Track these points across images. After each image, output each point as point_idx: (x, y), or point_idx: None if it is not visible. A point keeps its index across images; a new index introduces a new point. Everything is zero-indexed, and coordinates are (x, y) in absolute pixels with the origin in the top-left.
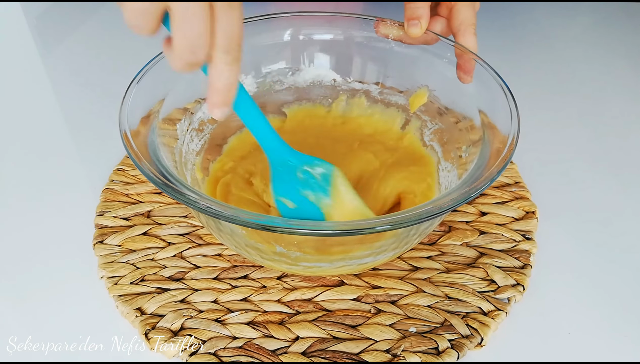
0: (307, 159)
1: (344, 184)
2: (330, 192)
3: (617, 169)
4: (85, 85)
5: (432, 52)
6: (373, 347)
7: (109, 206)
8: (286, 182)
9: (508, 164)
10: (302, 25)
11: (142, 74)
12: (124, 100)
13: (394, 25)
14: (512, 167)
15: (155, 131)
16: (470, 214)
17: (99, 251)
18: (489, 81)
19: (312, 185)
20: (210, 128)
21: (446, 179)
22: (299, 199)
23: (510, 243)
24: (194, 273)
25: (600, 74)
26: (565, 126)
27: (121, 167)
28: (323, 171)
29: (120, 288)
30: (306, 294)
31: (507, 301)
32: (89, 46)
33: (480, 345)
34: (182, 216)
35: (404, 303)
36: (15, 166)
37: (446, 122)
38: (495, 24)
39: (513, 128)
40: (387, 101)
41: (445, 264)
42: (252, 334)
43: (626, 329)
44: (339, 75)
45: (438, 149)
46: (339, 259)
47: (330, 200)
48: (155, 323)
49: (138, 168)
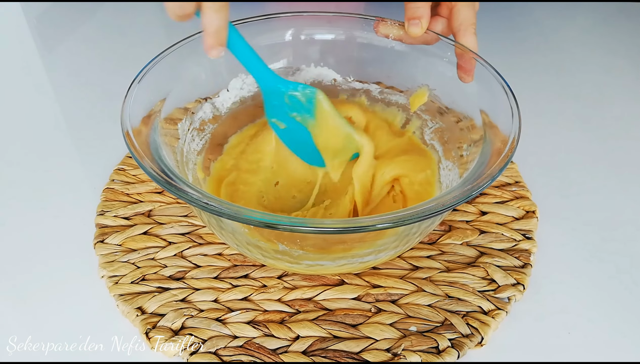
0: (293, 85)
1: (326, 105)
2: (315, 112)
3: (618, 168)
4: (85, 85)
5: (433, 52)
6: (373, 346)
7: (109, 206)
8: (276, 106)
9: (509, 162)
10: (302, 25)
11: (143, 74)
12: (126, 99)
13: (394, 25)
14: (512, 166)
15: (157, 130)
16: (470, 213)
17: (100, 251)
18: (490, 81)
19: (298, 107)
20: (211, 127)
21: (447, 178)
22: (288, 120)
23: (510, 243)
24: (195, 272)
25: (601, 74)
26: (566, 126)
27: (122, 167)
28: (307, 95)
29: (121, 287)
30: (307, 294)
31: (508, 301)
32: (89, 46)
33: (481, 344)
34: (182, 215)
35: (404, 302)
36: (16, 166)
37: (447, 121)
38: (496, 25)
39: (514, 127)
40: (388, 101)
41: (446, 264)
42: (253, 334)
43: (626, 329)
44: (339, 75)
45: (439, 148)
46: (341, 257)
47: (315, 120)
48: (156, 323)
49: (141, 167)
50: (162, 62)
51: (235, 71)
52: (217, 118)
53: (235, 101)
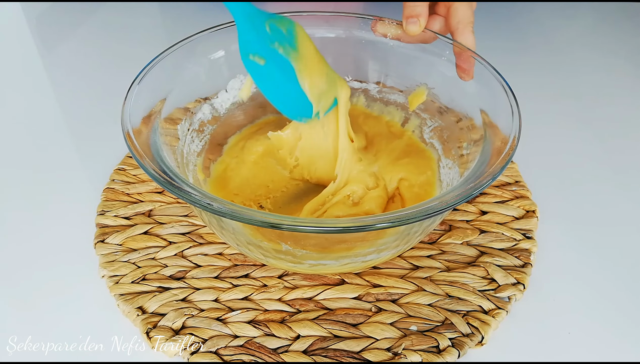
0: (270, 14)
1: (306, 35)
2: (296, 43)
3: (618, 168)
4: (85, 85)
5: (432, 51)
6: (374, 345)
7: (109, 206)
8: (254, 39)
9: (510, 161)
10: (301, 25)
11: (143, 74)
12: (126, 99)
13: (391, 24)
14: (512, 166)
15: (157, 130)
16: (470, 213)
17: (100, 250)
18: (490, 80)
19: (280, 36)
20: (211, 128)
21: (447, 176)
22: (269, 53)
23: (510, 242)
24: (195, 271)
25: (601, 74)
26: (565, 126)
27: (122, 167)
28: (287, 24)
29: (121, 287)
30: (307, 293)
31: (508, 300)
32: (89, 46)
33: (481, 344)
34: (183, 215)
35: (404, 301)
36: (16, 166)
37: (446, 120)
38: (496, 25)
39: (514, 127)
40: (386, 100)
41: (446, 263)
42: (253, 333)
43: (626, 328)
44: None
45: (438, 147)
46: (343, 257)
47: (297, 52)
48: (157, 322)
49: (141, 167)
50: (162, 63)
51: (234, 72)
52: (216, 119)
53: (234, 101)
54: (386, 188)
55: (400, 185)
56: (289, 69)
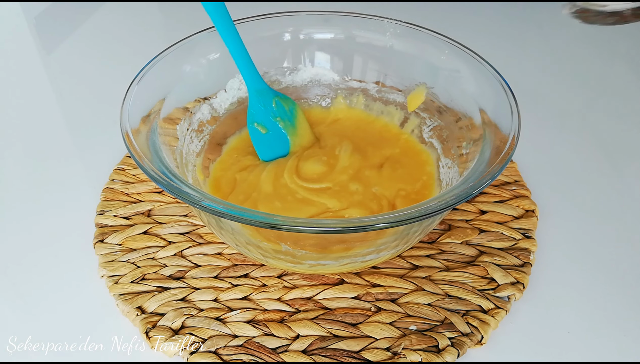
0: (277, 92)
1: (302, 116)
2: (295, 120)
3: (617, 168)
4: (85, 85)
5: (431, 50)
6: (373, 345)
7: (109, 205)
8: (262, 110)
9: (509, 161)
10: (300, 25)
11: (142, 74)
12: (125, 99)
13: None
14: (511, 165)
15: (156, 130)
16: (470, 212)
17: (100, 250)
18: (490, 79)
19: (282, 113)
20: (210, 129)
21: (447, 176)
22: (271, 125)
23: (510, 242)
24: (195, 271)
25: (601, 73)
26: (565, 125)
27: (121, 167)
28: (290, 104)
29: (121, 286)
30: (306, 293)
31: (507, 299)
32: (88, 46)
33: (481, 343)
34: (182, 215)
35: (404, 301)
36: (16, 166)
37: (446, 119)
38: (496, 25)
39: (514, 126)
40: (385, 99)
41: (445, 263)
42: (253, 333)
43: (626, 328)
44: (337, 74)
45: (437, 146)
46: (343, 257)
47: (295, 128)
48: (156, 322)
49: (140, 167)
50: (161, 62)
51: (233, 72)
52: (216, 119)
53: (233, 101)
54: (389, 205)
55: (397, 195)
56: (285, 140)
